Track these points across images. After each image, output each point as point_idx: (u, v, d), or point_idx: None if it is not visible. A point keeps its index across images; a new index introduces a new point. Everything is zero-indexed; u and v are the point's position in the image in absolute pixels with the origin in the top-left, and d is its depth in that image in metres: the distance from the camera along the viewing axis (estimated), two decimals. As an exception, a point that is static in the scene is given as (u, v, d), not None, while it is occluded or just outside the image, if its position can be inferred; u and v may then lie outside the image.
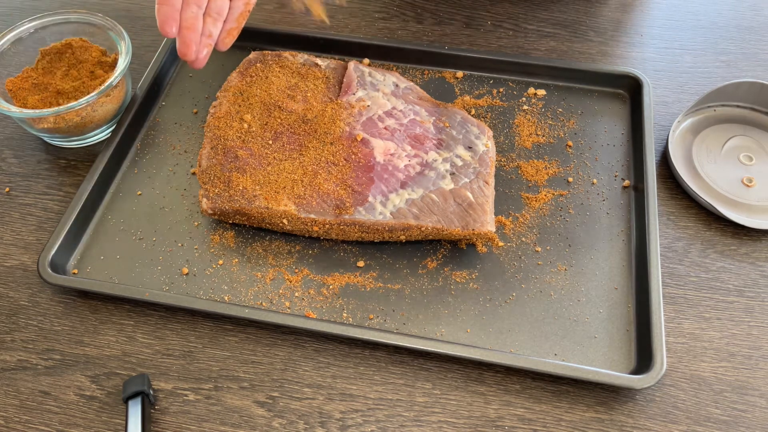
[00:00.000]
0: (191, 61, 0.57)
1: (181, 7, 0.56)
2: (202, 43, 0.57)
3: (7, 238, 0.62)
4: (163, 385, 0.53)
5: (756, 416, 0.51)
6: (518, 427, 0.51)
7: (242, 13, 0.59)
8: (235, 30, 0.59)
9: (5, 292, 0.59)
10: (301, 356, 0.54)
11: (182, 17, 0.56)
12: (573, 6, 0.81)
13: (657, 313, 0.53)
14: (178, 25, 0.56)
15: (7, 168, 0.67)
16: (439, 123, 0.63)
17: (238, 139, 0.61)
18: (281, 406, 0.52)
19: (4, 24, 0.79)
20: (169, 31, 0.55)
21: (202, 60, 0.58)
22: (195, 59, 0.57)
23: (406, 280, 0.57)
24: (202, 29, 0.57)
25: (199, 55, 0.57)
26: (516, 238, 0.60)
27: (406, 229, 0.57)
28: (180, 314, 0.57)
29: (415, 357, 0.54)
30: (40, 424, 0.52)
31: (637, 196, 0.62)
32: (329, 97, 0.64)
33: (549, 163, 0.65)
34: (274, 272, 0.58)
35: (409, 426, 0.51)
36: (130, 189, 0.64)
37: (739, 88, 0.67)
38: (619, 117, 0.69)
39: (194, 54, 0.57)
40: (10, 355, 0.55)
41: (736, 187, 0.63)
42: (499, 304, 0.56)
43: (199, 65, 0.58)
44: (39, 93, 0.65)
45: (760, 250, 0.60)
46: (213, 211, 0.58)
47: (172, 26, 0.55)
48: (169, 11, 0.55)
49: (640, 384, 0.50)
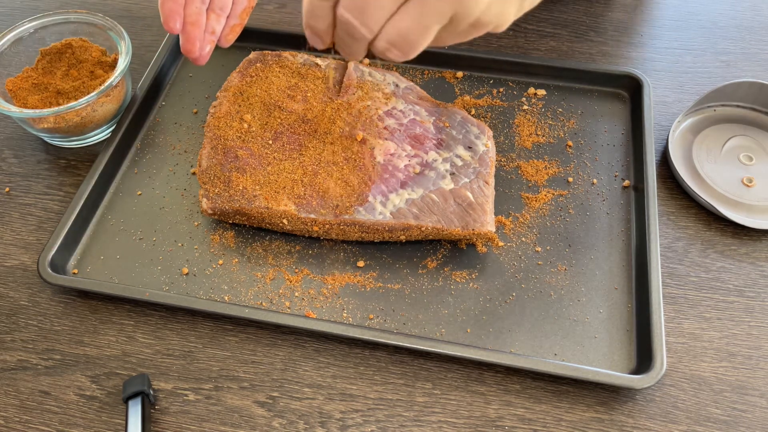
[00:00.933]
0: (194, 58, 0.57)
1: (185, 2, 0.56)
2: (205, 40, 0.57)
3: (7, 238, 0.62)
4: (163, 385, 0.53)
5: (756, 416, 0.51)
6: (518, 427, 0.51)
7: (245, 9, 0.59)
8: (239, 26, 0.59)
9: (5, 292, 0.59)
10: (301, 356, 0.54)
11: (186, 13, 0.56)
12: (573, 6, 0.81)
13: (657, 313, 0.53)
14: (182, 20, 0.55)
15: (7, 168, 0.67)
16: (439, 123, 0.63)
17: (238, 139, 0.61)
18: (281, 406, 0.52)
19: (4, 24, 0.79)
20: (173, 26, 0.55)
21: (205, 56, 0.58)
22: (198, 56, 0.57)
23: (406, 280, 0.57)
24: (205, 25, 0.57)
25: (202, 52, 0.57)
26: (516, 238, 0.60)
27: (406, 229, 0.57)
28: (180, 314, 0.57)
29: (415, 357, 0.54)
30: (40, 424, 0.52)
31: (637, 196, 0.62)
32: (329, 97, 0.64)
33: (549, 163, 0.65)
34: (274, 272, 0.58)
35: (409, 426, 0.51)
36: (130, 189, 0.64)
37: (739, 88, 0.67)
38: (619, 117, 0.69)
39: (198, 51, 0.57)
40: (10, 355, 0.55)
41: (736, 187, 0.63)
42: (499, 304, 0.56)
43: (202, 62, 0.58)
44: (39, 93, 0.66)
45: (760, 250, 0.60)
46: (213, 211, 0.58)
47: (176, 21, 0.55)
48: (174, 6, 0.55)
49: (640, 384, 0.50)
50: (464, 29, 0.41)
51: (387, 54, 0.42)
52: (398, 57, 0.42)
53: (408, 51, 0.41)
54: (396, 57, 0.42)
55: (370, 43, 0.42)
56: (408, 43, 0.40)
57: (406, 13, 0.39)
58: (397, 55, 0.42)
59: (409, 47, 0.41)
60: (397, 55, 0.42)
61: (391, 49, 0.41)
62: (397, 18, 0.39)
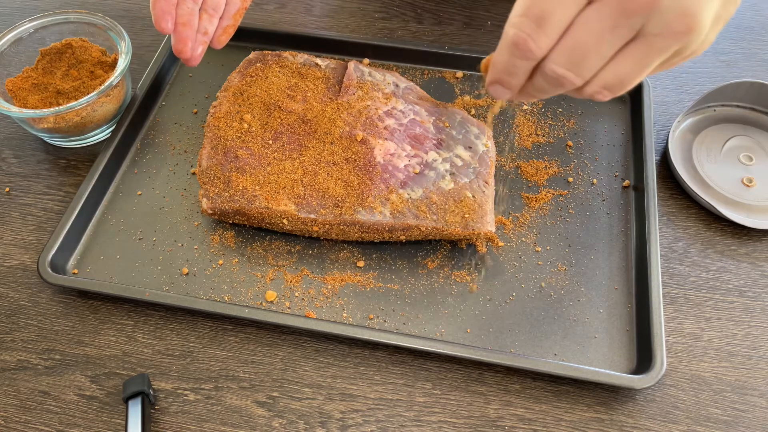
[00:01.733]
0: (186, 59, 0.57)
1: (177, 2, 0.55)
2: (197, 41, 0.57)
3: (7, 238, 0.62)
4: (163, 385, 0.53)
5: (756, 416, 0.51)
6: (518, 427, 0.51)
7: (239, 11, 0.59)
8: (231, 27, 0.59)
9: (5, 292, 0.59)
10: (301, 356, 0.54)
11: (178, 13, 0.55)
12: (573, 6, 0.81)
13: (657, 313, 0.53)
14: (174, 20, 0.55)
15: (7, 168, 0.67)
16: (439, 123, 0.63)
17: (238, 139, 0.61)
18: (281, 406, 0.52)
19: (4, 24, 0.79)
20: (165, 26, 0.55)
21: (197, 57, 0.57)
22: (190, 57, 0.57)
23: (406, 280, 0.57)
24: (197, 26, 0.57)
25: (194, 53, 0.57)
26: (516, 238, 0.60)
27: (406, 229, 0.57)
28: (180, 314, 0.57)
29: (415, 357, 0.54)
30: (40, 424, 0.52)
31: (637, 196, 0.62)
32: (329, 97, 0.64)
33: (549, 163, 0.65)
34: (274, 272, 0.58)
35: (409, 426, 0.51)
36: (130, 189, 0.64)
37: (739, 88, 0.67)
38: (619, 117, 0.69)
39: (190, 51, 0.56)
40: (10, 355, 0.55)
41: (736, 187, 0.63)
42: (499, 304, 0.56)
43: (194, 63, 0.57)
44: (39, 93, 0.66)
45: (760, 250, 0.60)
46: (213, 211, 0.58)
47: (167, 21, 0.55)
48: (165, 6, 0.55)
49: (640, 384, 0.50)
50: (676, 62, 0.39)
51: (596, 96, 0.39)
52: (607, 98, 0.39)
53: (621, 91, 0.39)
54: (604, 98, 0.39)
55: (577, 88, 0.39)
56: (624, 85, 0.38)
57: (629, 56, 0.37)
58: (606, 96, 0.39)
59: (624, 88, 0.39)
60: (607, 96, 0.39)
61: (602, 92, 0.39)
62: (617, 62, 0.37)
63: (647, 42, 0.36)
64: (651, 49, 0.36)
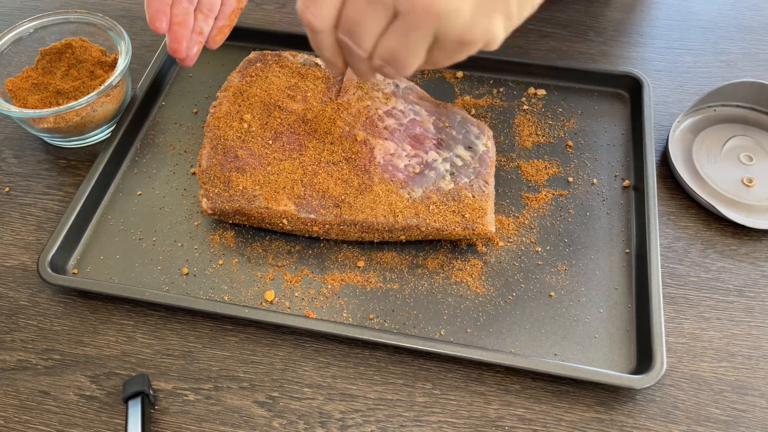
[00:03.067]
0: (181, 59, 0.56)
1: (172, 2, 0.55)
2: (192, 41, 0.56)
3: (7, 238, 0.62)
4: (163, 385, 0.53)
5: (756, 416, 0.51)
6: (518, 427, 0.51)
7: (234, 11, 0.59)
8: (227, 28, 0.59)
9: (5, 292, 0.59)
10: (301, 356, 0.54)
11: (173, 13, 0.55)
12: (573, 6, 0.81)
13: (657, 313, 0.53)
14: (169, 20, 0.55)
15: (7, 168, 0.67)
16: (439, 123, 0.63)
17: (238, 139, 0.61)
18: (281, 406, 0.52)
19: (4, 24, 0.79)
20: (160, 26, 0.54)
21: (193, 58, 0.57)
22: (185, 57, 0.56)
23: (406, 280, 0.57)
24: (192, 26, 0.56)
25: (189, 53, 0.56)
26: (516, 238, 0.60)
27: (406, 229, 0.57)
28: (180, 314, 0.57)
29: (415, 357, 0.54)
30: (40, 424, 0.52)
31: (637, 196, 0.62)
32: (329, 97, 0.64)
33: (549, 163, 0.65)
34: (274, 272, 0.58)
35: (409, 426, 0.51)
36: (130, 189, 0.64)
37: (739, 88, 0.67)
38: (619, 117, 0.69)
39: (185, 51, 0.56)
40: (10, 355, 0.55)
41: (736, 187, 0.63)
42: (499, 304, 0.56)
43: (189, 63, 0.57)
44: (39, 93, 0.66)
45: (760, 250, 0.60)
46: (213, 211, 0.58)
47: (162, 21, 0.54)
48: (160, 6, 0.54)
49: (640, 384, 0.50)
50: (452, 47, 0.42)
51: (384, 71, 0.44)
52: (394, 74, 0.44)
53: (401, 68, 0.43)
54: (392, 74, 0.44)
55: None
56: (398, 61, 0.42)
57: (393, 32, 0.41)
58: (392, 72, 0.44)
59: (401, 65, 0.43)
60: (393, 72, 0.44)
61: (385, 66, 0.43)
62: (385, 37, 0.41)
63: (402, 19, 0.40)
64: (406, 25, 0.40)
